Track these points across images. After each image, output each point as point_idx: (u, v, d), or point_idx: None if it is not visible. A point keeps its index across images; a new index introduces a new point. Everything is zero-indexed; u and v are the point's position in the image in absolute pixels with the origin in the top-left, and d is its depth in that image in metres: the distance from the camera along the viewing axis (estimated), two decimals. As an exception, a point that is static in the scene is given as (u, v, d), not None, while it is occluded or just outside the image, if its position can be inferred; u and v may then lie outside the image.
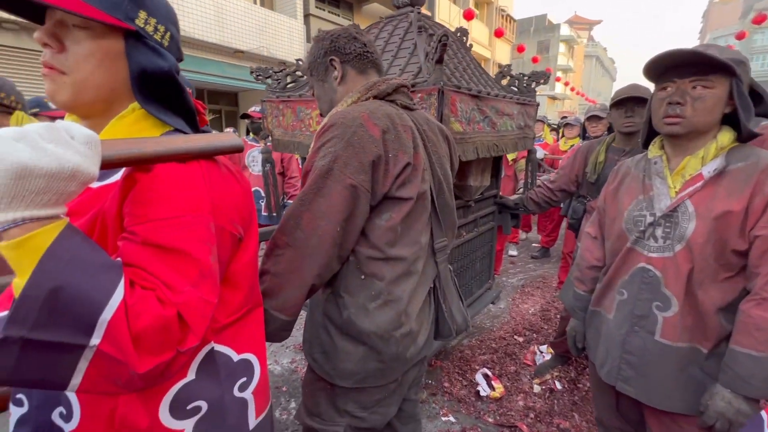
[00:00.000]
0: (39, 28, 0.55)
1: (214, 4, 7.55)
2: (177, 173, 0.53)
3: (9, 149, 0.38)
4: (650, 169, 1.07)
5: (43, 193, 0.40)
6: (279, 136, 1.93)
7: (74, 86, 0.56)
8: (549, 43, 31.73)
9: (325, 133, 0.86)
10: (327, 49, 0.98)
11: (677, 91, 0.95)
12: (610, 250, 1.16)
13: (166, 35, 0.62)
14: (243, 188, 0.64)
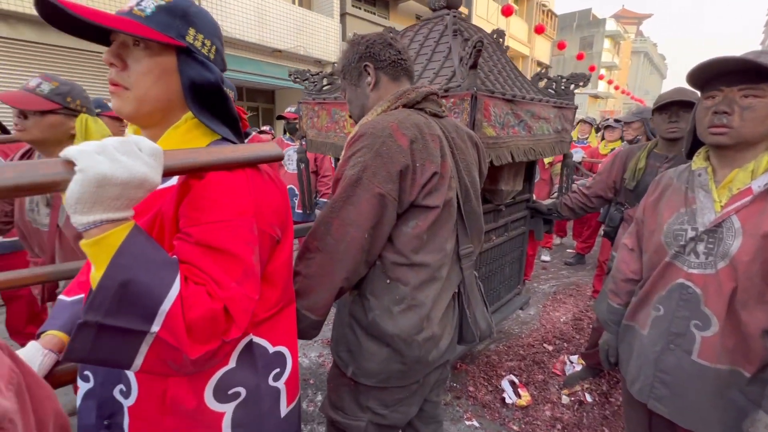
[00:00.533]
0: (106, 50, 0.62)
1: (255, 5, 7.81)
2: (225, 181, 0.59)
3: (92, 162, 0.44)
4: (694, 181, 1.02)
5: (117, 199, 0.47)
6: (313, 137, 1.99)
7: (136, 100, 0.62)
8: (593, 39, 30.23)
9: (355, 143, 0.89)
10: (362, 54, 0.99)
11: (724, 100, 0.91)
12: (647, 263, 1.11)
13: (212, 49, 0.68)
14: (281, 193, 0.69)
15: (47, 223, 1.35)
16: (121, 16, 0.60)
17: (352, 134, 0.94)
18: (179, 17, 0.62)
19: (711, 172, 0.99)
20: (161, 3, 0.62)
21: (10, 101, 1.20)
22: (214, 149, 0.59)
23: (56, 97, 1.26)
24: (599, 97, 29.49)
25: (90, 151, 0.45)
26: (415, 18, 13.05)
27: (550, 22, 19.74)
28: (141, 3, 0.61)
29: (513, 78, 1.93)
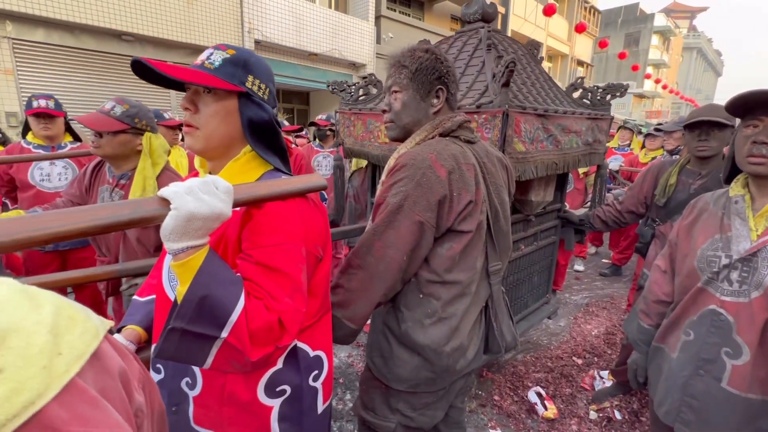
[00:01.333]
0: (183, 96, 0.75)
1: (293, 11, 8.08)
2: (280, 210, 0.68)
3: (183, 202, 0.55)
4: (730, 207, 1.02)
5: (200, 229, 0.57)
6: (350, 145, 2.08)
7: (205, 138, 0.74)
8: (639, 36, 28.65)
9: (397, 172, 0.96)
10: (441, 75, 1.03)
11: (765, 130, 0.91)
12: (679, 286, 1.11)
13: (266, 91, 0.78)
14: (323, 217, 0.78)
15: None
16: (195, 69, 0.72)
17: (393, 163, 1.00)
18: (241, 67, 0.73)
19: (749, 200, 0.99)
20: (227, 56, 0.73)
21: (88, 124, 1.38)
22: (271, 183, 0.69)
23: (126, 118, 1.43)
24: (645, 96, 27.94)
25: (181, 192, 0.56)
26: (449, 18, 12.96)
27: (593, 18, 18.94)
28: (211, 56, 0.73)
29: (546, 89, 1.93)
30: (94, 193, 1.58)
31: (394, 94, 1.05)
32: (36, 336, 0.28)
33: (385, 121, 1.09)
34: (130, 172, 1.51)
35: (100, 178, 1.59)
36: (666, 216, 1.85)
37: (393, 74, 1.05)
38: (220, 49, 0.75)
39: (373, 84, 2.09)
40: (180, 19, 6.61)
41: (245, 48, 0.78)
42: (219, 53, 0.74)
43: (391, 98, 1.06)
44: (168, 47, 6.82)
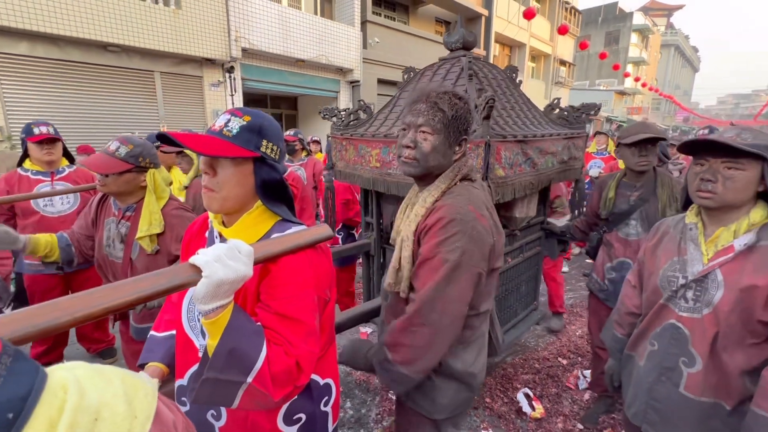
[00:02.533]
0: (202, 160, 0.83)
1: (279, 18, 8.12)
2: (293, 264, 0.79)
3: (213, 269, 0.63)
4: (686, 233, 1.15)
5: (227, 291, 0.66)
6: (342, 168, 2.19)
7: (222, 199, 0.83)
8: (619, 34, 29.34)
9: (447, 228, 1.00)
10: (468, 125, 1.09)
11: (710, 170, 1.06)
12: (645, 301, 1.25)
13: (277, 151, 0.88)
14: (329, 260, 0.88)
15: (121, 256, 1.60)
16: (214, 135, 0.81)
17: (437, 218, 1.03)
18: (256, 133, 0.83)
19: (701, 227, 1.13)
20: (243, 123, 0.82)
21: (94, 168, 1.46)
22: (284, 239, 0.78)
23: (131, 158, 1.50)
24: (626, 93, 28.58)
25: (211, 261, 0.64)
26: (434, 21, 13.11)
27: (574, 19, 19.32)
28: (229, 124, 0.82)
29: (525, 111, 2.06)
30: (100, 224, 1.65)
31: (422, 134, 1.05)
32: (117, 406, 0.35)
33: (406, 156, 1.08)
34: (135, 204, 1.59)
35: (106, 210, 1.66)
36: (611, 225, 2.02)
37: (424, 113, 1.04)
38: (236, 115, 0.83)
39: (363, 109, 2.19)
40: (166, 28, 6.60)
41: (258, 112, 0.87)
42: (236, 120, 0.82)
43: (419, 136, 1.05)
44: (155, 57, 6.80)
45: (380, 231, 2.31)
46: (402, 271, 1.09)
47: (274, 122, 0.89)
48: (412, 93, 1.13)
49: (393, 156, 1.84)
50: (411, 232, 1.08)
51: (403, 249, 1.08)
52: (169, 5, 6.68)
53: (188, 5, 6.84)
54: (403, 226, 1.12)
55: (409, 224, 1.09)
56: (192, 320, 0.92)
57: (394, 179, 1.84)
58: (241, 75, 7.97)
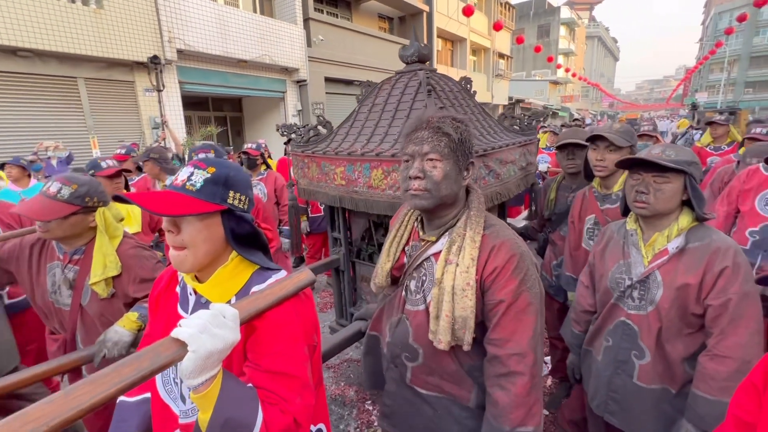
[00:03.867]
0: (165, 218, 0.78)
1: (216, 17, 7.68)
2: (280, 317, 0.77)
3: (200, 343, 0.60)
4: (628, 239, 1.29)
5: (216, 362, 0.64)
6: (305, 186, 2.15)
7: (192, 256, 0.79)
8: (549, 27, 31.32)
9: (519, 265, 0.96)
10: (472, 147, 1.04)
11: (642, 182, 1.20)
12: (599, 301, 1.38)
13: (245, 200, 0.85)
14: (312, 304, 0.88)
15: (69, 303, 1.46)
16: (176, 191, 0.77)
17: (507, 257, 0.97)
18: (222, 185, 0.80)
19: (640, 233, 1.27)
20: (208, 175, 0.79)
21: (34, 215, 1.29)
22: (267, 294, 0.76)
23: (76, 200, 1.36)
24: (558, 83, 30.65)
25: (196, 333, 0.60)
26: (377, 17, 13.12)
27: (509, 13, 20.29)
28: (191, 177, 0.78)
29: (481, 121, 2.16)
30: (41, 271, 1.49)
31: (431, 162, 0.97)
32: None
33: (416, 188, 0.98)
34: (84, 247, 1.45)
35: (47, 254, 1.49)
36: (554, 225, 2.21)
37: (429, 140, 0.97)
38: (200, 167, 0.79)
39: (323, 125, 2.17)
40: (87, 30, 5.99)
41: (224, 162, 0.83)
42: (200, 173, 0.78)
43: (427, 165, 0.97)
44: (75, 62, 6.15)
45: (349, 246, 2.31)
46: (465, 323, 0.96)
47: (241, 171, 0.86)
48: (408, 123, 1.07)
49: (359, 174, 1.85)
50: (471, 279, 0.96)
51: (459, 301, 0.96)
52: (89, 5, 6.07)
53: (111, 5, 6.25)
54: (450, 276, 0.98)
55: (464, 272, 0.96)
56: (168, 383, 0.87)
57: (362, 197, 1.85)
58: (178, 78, 7.46)
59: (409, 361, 1.12)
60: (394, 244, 1.16)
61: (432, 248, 1.07)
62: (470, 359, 1.05)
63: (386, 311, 1.22)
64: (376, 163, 1.76)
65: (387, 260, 1.16)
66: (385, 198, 1.77)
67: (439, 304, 1.00)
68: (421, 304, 1.08)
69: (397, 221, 1.20)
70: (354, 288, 2.39)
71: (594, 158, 1.81)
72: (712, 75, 35.47)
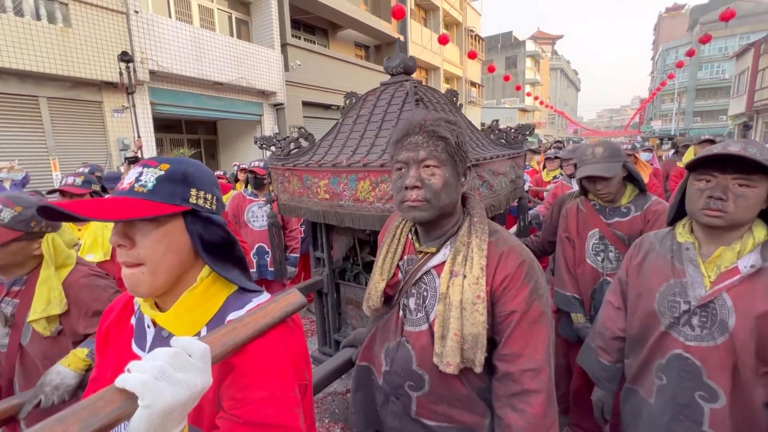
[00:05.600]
0: (113, 230, 0.61)
1: (192, 39, 7.58)
2: (264, 351, 0.61)
3: (156, 395, 0.43)
4: (681, 253, 1.07)
5: (178, 417, 0.46)
6: (285, 201, 2.00)
7: (150, 274, 0.62)
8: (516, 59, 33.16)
9: (530, 272, 0.87)
10: (468, 153, 0.95)
11: (718, 186, 0.97)
12: (638, 325, 1.15)
13: (213, 200, 0.69)
14: (302, 334, 0.71)
15: (6, 344, 1.22)
16: (123, 195, 0.61)
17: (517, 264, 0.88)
18: (180, 182, 0.64)
19: (697, 246, 1.05)
20: (160, 173, 0.63)
21: None
22: (248, 321, 0.60)
23: (19, 224, 1.15)
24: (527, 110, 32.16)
25: (151, 381, 0.43)
26: (354, 45, 13.42)
27: (478, 45, 21.33)
28: (141, 178, 0.62)
29: (470, 134, 2.10)
30: None
31: (428, 169, 0.88)
32: None
33: (413, 199, 0.88)
34: (27, 276, 1.23)
35: None
36: None
37: (424, 145, 0.87)
38: (150, 165, 0.64)
39: (304, 137, 2.05)
40: (52, 49, 5.73)
41: (180, 158, 0.68)
42: (150, 172, 0.63)
43: (424, 173, 0.88)
44: (39, 81, 5.84)
45: (332, 266, 2.15)
46: (476, 341, 0.85)
47: (203, 166, 0.71)
48: (397, 128, 0.95)
49: (344, 186, 1.72)
50: (482, 291, 0.86)
51: (469, 317, 0.85)
52: (55, 23, 5.83)
53: (80, 23, 6.05)
54: (458, 290, 0.87)
55: (473, 284, 0.86)
56: None
57: (347, 211, 1.71)
58: (150, 99, 7.22)
59: (414, 390, 0.97)
60: (388, 259, 1.03)
61: (432, 260, 0.96)
62: (481, 381, 0.93)
63: (379, 336, 1.07)
64: (363, 174, 1.65)
65: (381, 278, 1.02)
66: (373, 211, 1.65)
67: (445, 321, 0.88)
68: (424, 323, 0.95)
69: (388, 234, 1.07)
70: (338, 312, 2.21)
71: (594, 190, 1.69)
72: (664, 105, 38.35)
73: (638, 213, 1.67)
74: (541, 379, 0.83)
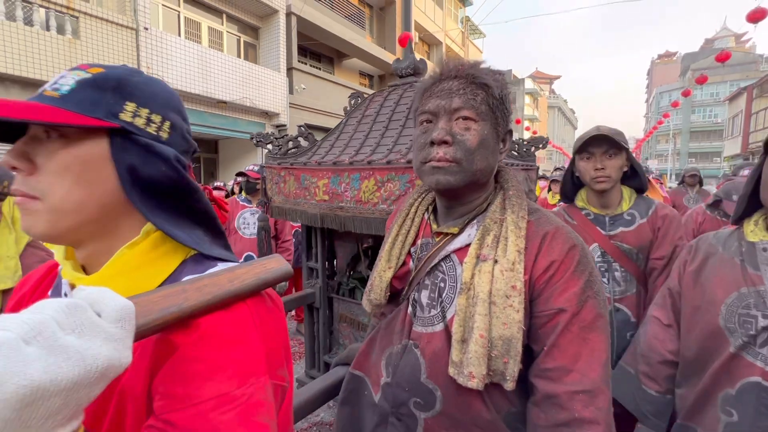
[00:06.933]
0: (10, 151, 0.44)
1: (198, 57, 7.68)
2: (225, 329, 0.42)
3: (14, 364, 0.24)
4: (756, 255, 0.89)
5: (58, 413, 0.27)
6: (280, 203, 1.83)
7: (50, 212, 0.44)
8: (515, 95, 34.25)
9: (582, 260, 0.68)
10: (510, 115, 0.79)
11: None
12: (697, 347, 0.95)
13: (164, 125, 0.50)
14: (282, 316, 0.52)
15: None
16: (30, 101, 0.43)
17: (566, 248, 0.69)
18: (111, 90, 0.46)
19: None
20: (85, 76, 0.46)
21: None
22: (205, 282, 0.42)
23: None
24: (526, 145, 32.86)
25: (13, 341, 0.25)
26: (359, 74, 13.74)
27: (480, 80, 22.04)
28: (58, 81, 0.45)
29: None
30: None
31: (463, 122, 0.70)
32: None
33: (440, 158, 0.70)
34: None
35: None
36: None
37: (460, 92, 0.70)
38: (79, 69, 0.47)
39: (304, 136, 1.91)
40: (59, 59, 5.75)
41: (125, 66, 0.51)
42: (73, 75, 0.46)
43: (457, 126, 0.70)
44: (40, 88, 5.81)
45: (326, 278, 1.95)
46: (509, 348, 0.64)
47: (159, 82, 0.53)
48: (426, 77, 0.78)
49: (346, 186, 1.56)
50: (518, 280, 0.66)
51: (500, 314, 0.65)
52: (65, 34, 5.88)
53: (89, 36, 6.11)
54: (486, 278, 0.67)
55: (507, 270, 0.67)
56: None
57: (348, 213, 1.54)
58: (152, 113, 7.21)
59: (421, 409, 0.74)
60: (398, 243, 0.84)
61: (453, 243, 0.76)
62: (510, 403, 0.71)
63: (380, 340, 0.85)
64: (368, 172, 1.49)
65: (387, 266, 0.82)
66: (377, 214, 1.48)
67: (467, 320, 0.68)
68: (439, 322, 0.74)
69: (400, 214, 0.88)
70: (330, 330, 1.99)
71: (590, 168, 1.37)
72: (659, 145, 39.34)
73: (644, 220, 1.38)
74: (599, 405, 0.62)
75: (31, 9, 5.62)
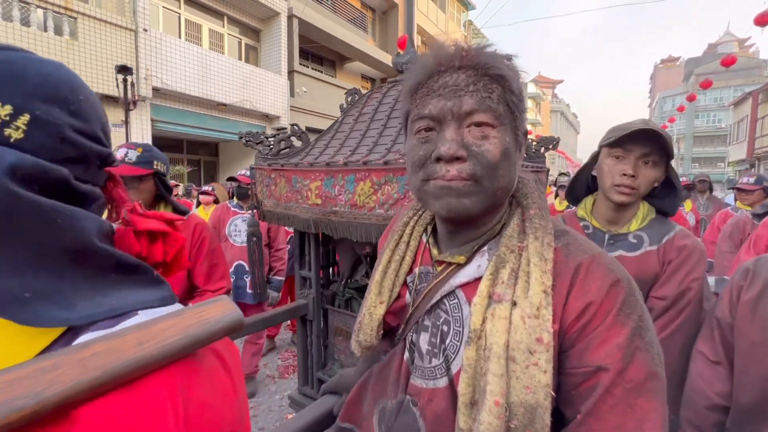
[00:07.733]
0: None
1: (198, 59, 7.61)
2: (118, 422, 0.27)
3: None
4: None
5: None
6: (270, 207, 1.70)
7: None
8: (518, 99, 34.34)
9: (630, 299, 0.53)
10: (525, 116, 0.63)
11: None
12: (756, 391, 0.80)
13: (18, 120, 0.34)
14: (241, 378, 0.38)
15: None
16: None
17: (607, 285, 0.52)
18: None
19: None
20: None
21: None
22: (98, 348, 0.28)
23: None
24: (528, 149, 32.84)
25: None
26: (360, 77, 13.67)
27: (482, 84, 22.02)
28: None
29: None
30: None
31: (480, 128, 0.53)
32: None
33: (452, 176, 0.53)
34: None
35: None
36: None
37: (471, 89, 0.53)
38: None
39: (297, 135, 1.78)
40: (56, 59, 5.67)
41: None
42: None
43: (471, 135, 0.54)
44: (35, 90, 5.73)
45: (320, 288, 1.81)
46: (533, 418, 0.47)
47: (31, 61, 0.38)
48: (417, 66, 0.58)
49: (340, 189, 1.43)
50: (545, 331, 0.49)
51: (521, 375, 0.48)
52: (62, 35, 5.81)
53: (86, 37, 6.03)
54: (502, 326, 0.51)
55: (531, 317, 0.50)
56: None
57: (343, 218, 1.41)
58: (151, 116, 7.12)
59: None
60: (390, 272, 0.67)
61: (458, 275, 0.60)
62: None
63: (372, 388, 0.71)
64: (363, 173, 1.36)
65: (379, 301, 0.66)
66: (373, 219, 1.34)
67: (477, 377, 0.52)
68: (442, 375, 0.59)
69: (392, 236, 0.71)
70: (325, 344, 1.84)
71: (617, 171, 1.06)
72: (663, 150, 39.29)
73: (654, 247, 1.08)
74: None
75: (28, 9, 5.56)
